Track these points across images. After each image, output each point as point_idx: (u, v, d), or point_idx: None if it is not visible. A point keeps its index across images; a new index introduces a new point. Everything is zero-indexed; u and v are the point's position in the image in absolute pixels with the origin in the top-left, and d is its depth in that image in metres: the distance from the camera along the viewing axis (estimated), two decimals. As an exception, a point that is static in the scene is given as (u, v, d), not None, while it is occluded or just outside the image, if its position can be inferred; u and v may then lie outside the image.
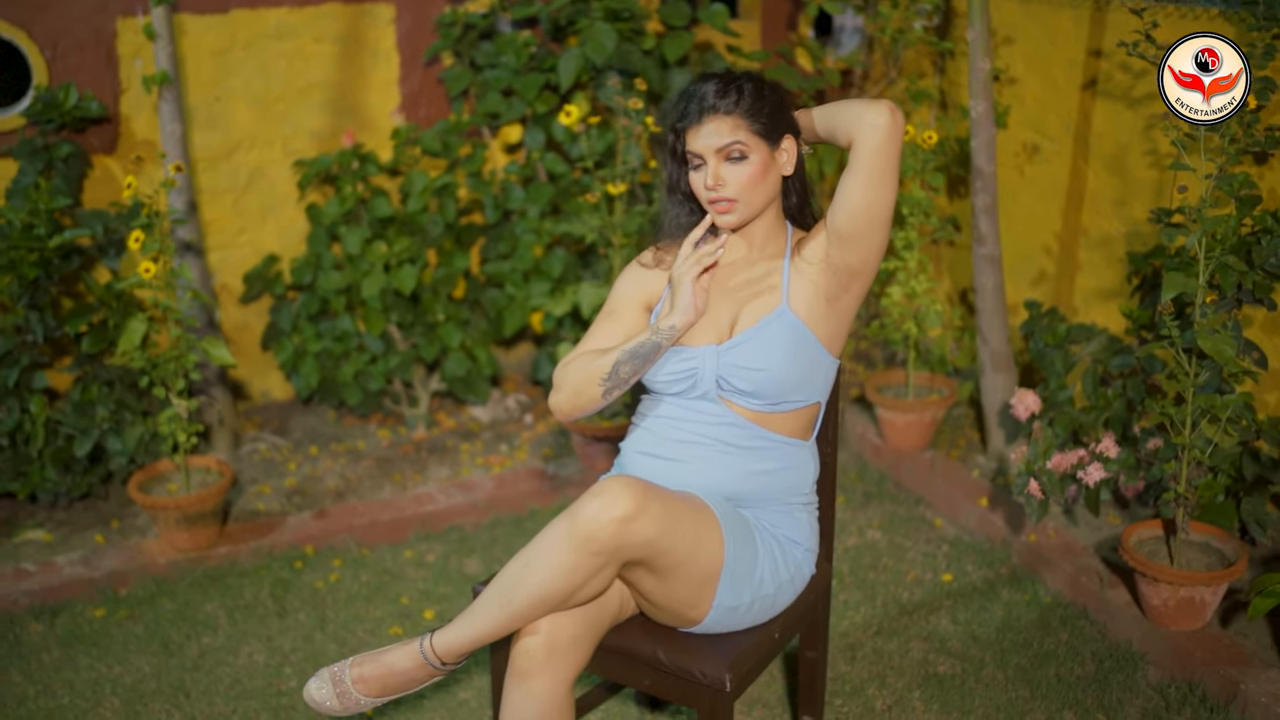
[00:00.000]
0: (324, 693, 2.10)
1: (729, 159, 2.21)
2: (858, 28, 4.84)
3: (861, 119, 2.16)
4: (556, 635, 2.05)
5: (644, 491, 2.02)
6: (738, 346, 2.24)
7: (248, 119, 4.02)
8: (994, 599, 3.25)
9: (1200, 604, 2.91)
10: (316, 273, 4.00)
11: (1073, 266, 4.01)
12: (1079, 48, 3.86)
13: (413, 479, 3.87)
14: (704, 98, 2.21)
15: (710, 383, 2.25)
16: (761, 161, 2.23)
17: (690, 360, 2.26)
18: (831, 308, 2.27)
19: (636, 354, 2.23)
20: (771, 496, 2.25)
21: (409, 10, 4.15)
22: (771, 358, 2.22)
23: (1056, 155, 4.01)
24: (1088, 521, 3.49)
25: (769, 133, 2.22)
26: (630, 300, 2.39)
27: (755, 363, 2.22)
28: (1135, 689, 2.87)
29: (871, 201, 2.16)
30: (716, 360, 2.25)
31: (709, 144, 2.21)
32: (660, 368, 2.28)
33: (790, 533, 2.26)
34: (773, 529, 2.24)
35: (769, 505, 2.25)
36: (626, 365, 2.24)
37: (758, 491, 2.24)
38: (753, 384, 2.22)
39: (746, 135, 2.20)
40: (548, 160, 4.06)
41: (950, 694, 2.87)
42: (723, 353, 2.25)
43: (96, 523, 3.61)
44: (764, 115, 2.21)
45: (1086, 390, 3.54)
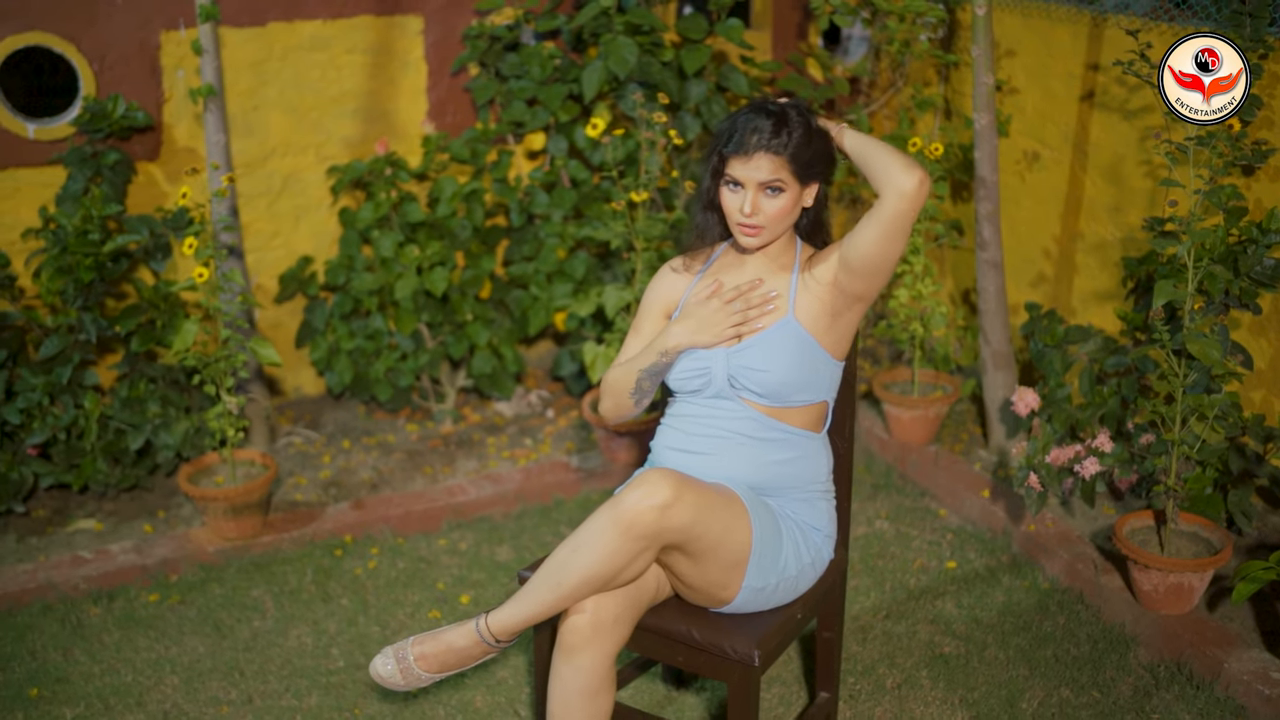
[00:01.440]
0: (389, 669, 2.30)
1: (765, 190, 2.41)
2: (865, 37, 5.02)
3: (892, 180, 2.30)
4: (601, 614, 2.25)
5: (680, 481, 2.22)
6: (746, 350, 2.45)
7: (283, 127, 4.21)
8: (995, 585, 3.45)
9: (1188, 589, 3.12)
10: (349, 274, 4.19)
11: (1070, 269, 4.21)
12: (1077, 61, 4.05)
13: (443, 471, 4.07)
14: (760, 132, 2.38)
15: (723, 382, 2.46)
16: (793, 197, 2.43)
17: (702, 360, 2.47)
18: (835, 322, 2.47)
19: (652, 372, 2.53)
20: (791, 485, 2.45)
21: (437, 22, 4.33)
22: (776, 361, 2.42)
23: (1056, 163, 4.20)
24: (1083, 512, 3.69)
25: (806, 176, 2.42)
26: (654, 313, 2.65)
27: (761, 365, 2.42)
28: (1127, 668, 3.08)
29: (884, 251, 2.36)
30: (727, 362, 2.45)
31: (753, 177, 2.39)
32: (676, 365, 2.50)
33: (811, 520, 2.47)
34: (795, 517, 2.45)
35: (790, 494, 2.45)
36: (647, 380, 2.55)
37: (778, 480, 2.44)
38: (760, 384, 2.43)
39: (787, 175, 2.40)
40: (571, 167, 4.25)
41: (955, 673, 3.07)
42: (732, 355, 2.46)
43: (143, 513, 3.81)
44: (806, 160, 2.40)
45: (1083, 388, 3.74)
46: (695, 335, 2.47)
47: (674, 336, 2.48)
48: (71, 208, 3.74)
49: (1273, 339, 3.52)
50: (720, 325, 2.46)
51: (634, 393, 2.56)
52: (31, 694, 3.03)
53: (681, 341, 2.48)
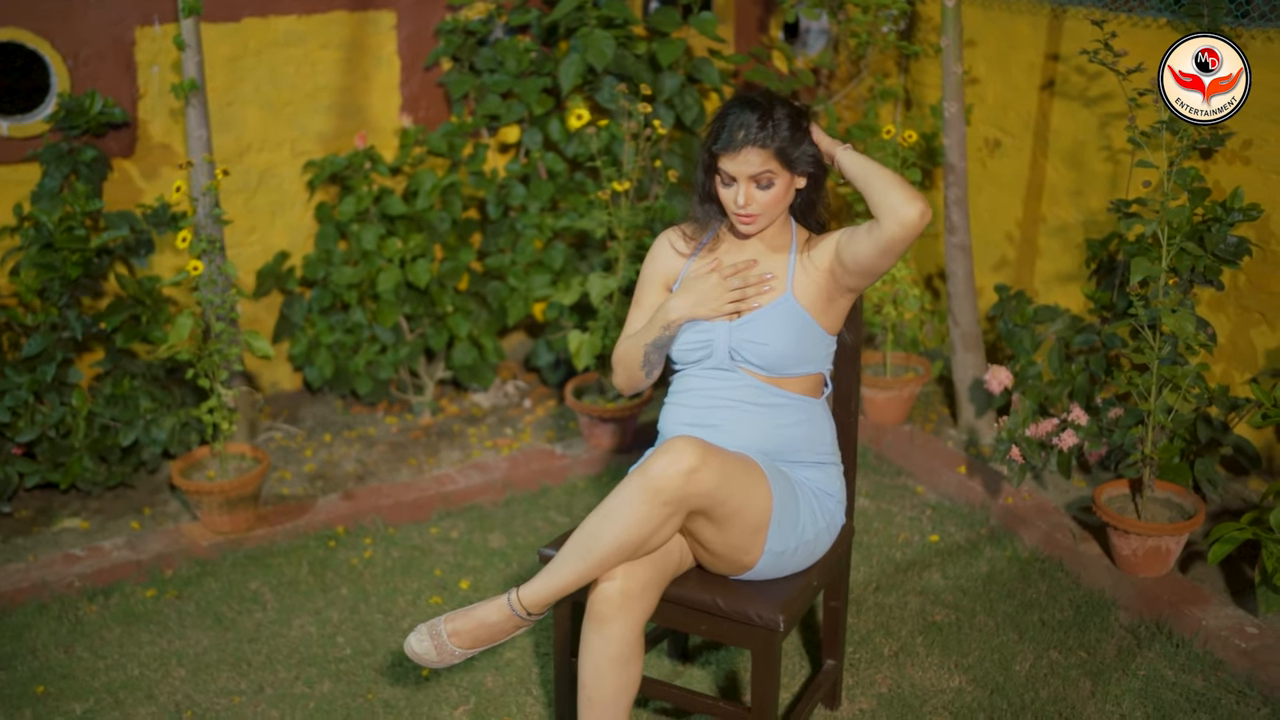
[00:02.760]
0: (424, 646, 2.35)
1: (758, 184, 2.49)
2: (823, 30, 5.14)
3: (894, 210, 2.37)
4: (630, 582, 2.32)
5: (704, 447, 2.30)
6: (747, 324, 2.55)
7: (258, 122, 4.21)
8: (978, 556, 3.58)
9: (1165, 552, 3.26)
10: (328, 269, 4.21)
11: (1033, 253, 4.36)
12: (1037, 52, 4.20)
13: (427, 462, 4.10)
14: (746, 128, 2.46)
15: (724, 353, 2.55)
16: (785, 185, 2.52)
17: (706, 332, 2.57)
18: (829, 305, 2.58)
19: (656, 344, 2.62)
20: (801, 449, 2.54)
21: (409, 18, 4.36)
22: (775, 335, 2.52)
23: (1017, 150, 4.35)
24: (1055, 485, 3.83)
25: (794, 165, 2.51)
26: (654, 285, 2.73)
27: (761, 339, 2.52)
28: (1110, 630, 3.21)
29: (877, 265, 2.47)
30: (729, 334, 2.54)
31: (743, 171, 2.48)
32: (679, 337, 2.59)
33: (824, 485, 2.56)
34: (809, 483, 2.54)
35: (802, 460, 2.55)
36: (654, 353, 2.64)
37: (789, 444, 2.53)
38: (759, 356, 2.52)
39: (776, 166, 2.48)
40: (548, 159, 4.30)
41: (948, 639, 3.19)
42: (734, 329, 2.55)
43: (129, 511, 3.80)
44: (794, 151, 2.49)
45: (1053, 366, 3.88)
46: (694, 308, 2.56)
47: (674, 310, 2.57)
48: (49, 205, 3.72)
49: (1231, 314, 3.69)
50: (719, 300, 2.54)
51: (643, 365, 2.65)
52: (38, 691, 3.02)
53: (682, 314, 2.57)
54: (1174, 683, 3.00)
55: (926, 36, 4.66)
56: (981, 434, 4.15)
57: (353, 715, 2.93)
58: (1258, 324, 3.62)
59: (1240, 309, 3.65)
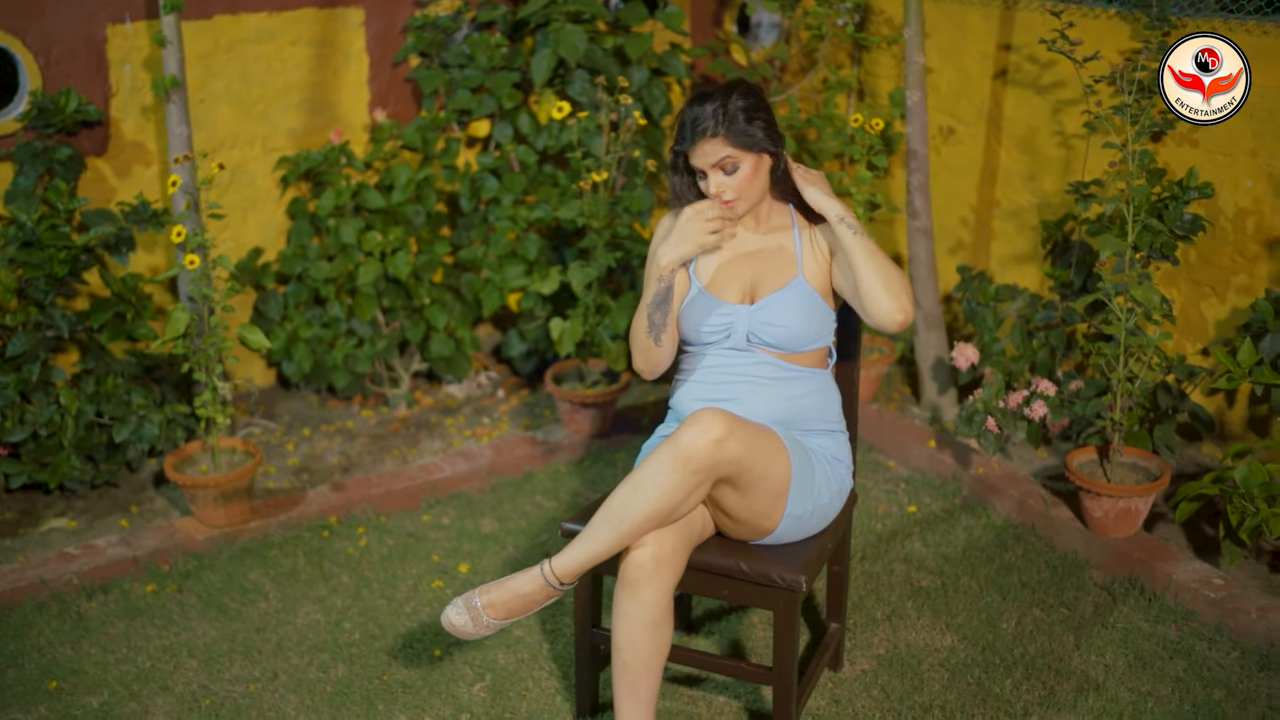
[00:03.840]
0: (462, 619, 2.43)
1: (724, 171, 2.61)
2: (775, 23, 5.28)
3: (880, 309, 2.53)
4: (661, 548, 2.42)
5: (730, 418, 2.41)
6: (766, 308, 2.66)
7: (230, 119, 4.22)
8: (955, 524, 3.74)
9: (1135, 512, 3.45)
10: (305, 263, 4.23)
11: (988, 235, 4.54)
12: (989, 42, 4.38)
13: (409, 452, 4.15)
14: (698, 121, 2.59)
15: (742, 336, 2.66)
16: (751, 166, 2.63)
17: (727, 315, 2.67)
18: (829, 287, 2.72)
19: (657, 300, 2.66)
20: (813, 418, 2.67)
21: (377, 14, 4.41)
22: (794, 317, 2.64)
23: (971, 137, 4.52)
24: (1020, 457, 4.00)
25: (752, 145, 2.62)
26: None
27: (780, 321, 2.64)
28: (1086, 588, 3.39)
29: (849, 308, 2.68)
30: (749, 318, 2.65)
31: (705, 162, 2.61)
32: (703, 321, 2.68)
33: (834, 452, 2.69)
34: (821, 450, 2.66)
35: (814, 428, 2.67)
36: (657, 313, 2.68)
37: (802, 414, 2.65)
38: (778, 338, 2.64)
39: (734, 150, 2.60)
40: (520, 152, 4.38)
41: (936, 602, 3.33)
42: (754, 312, 2.66)
43: (115, 509, 3.79)
44: (745, 133, 2.60)
45: (1015, 342, 4.06)
46: (679, 247, 2.63)
47: (663, 257, 2.63)
48: (25, 204, 3.70)
49: (1183, 288, 3.90)
50: (699, 232, 2.62)
51: (650, 330, 2.67)
52: (50, 686, 3.03)
53: (670, 257, 2.63)
54: (1150, 633, 3.18)
55: (879, 29, 4.82)
56: (944, 411, 4.32)
57: (372, 697, 2.98)
58: (1208, 296, 3.83)
59: (1191, 283, 3.86)
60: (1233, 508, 3.16)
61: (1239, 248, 3.71)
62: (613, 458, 4.18)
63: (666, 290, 2.67)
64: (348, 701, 2.97)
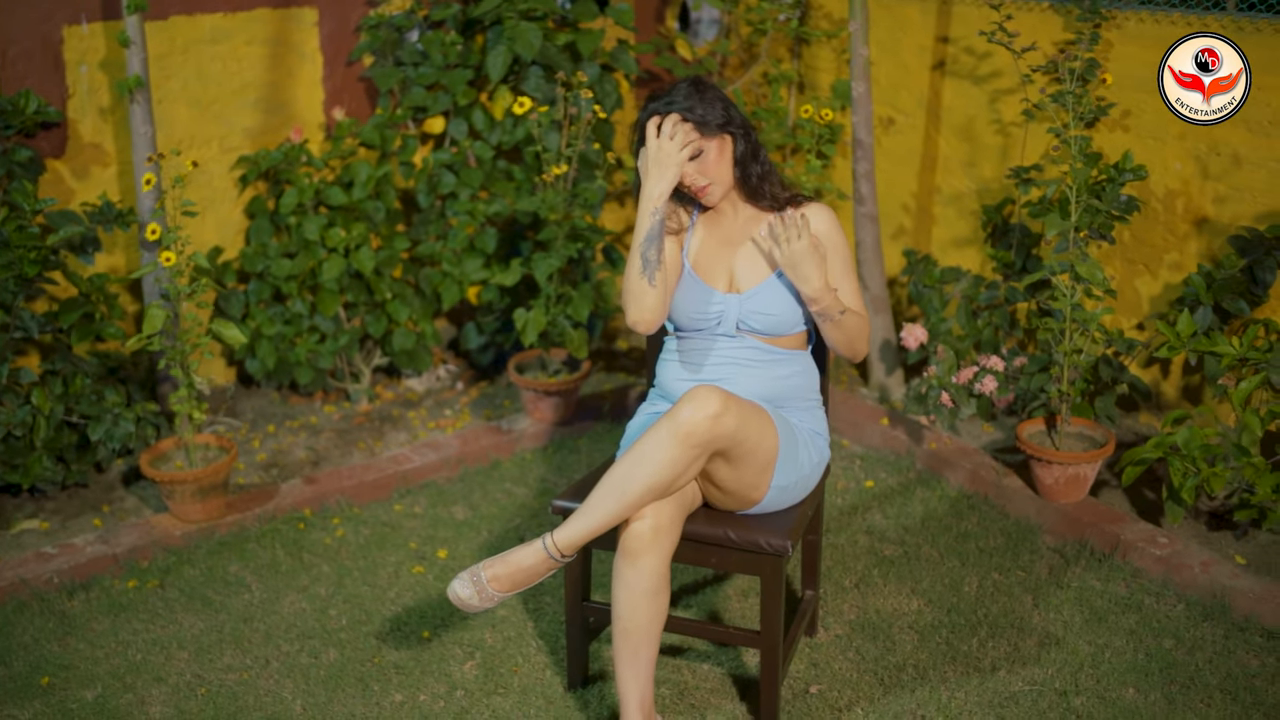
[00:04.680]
0: (468, 592, 2.52)
1: (690, 158, 2.72)
2: (714, 19, 5.42)
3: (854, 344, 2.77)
4: (660, 519, 2.54)
5: (726, 394, 2.53)
6: (755, 297, 2.78)
7: (187, 120, 4.25)
8: (911, 497, 3.90)
9: (1083, 479, 3.64)
10: (267, 261, 4.27)
11: (929, 220, 4.72)
12: (927, 35, 4.56)
13: (375, 445, 4.21)
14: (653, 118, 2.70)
15: (732, 324, 2.78)
16: (715, 148, 2.75)
17: (718, 305, 2.78)
18: None
19: (648, 238, 2.68)
20: (795, 396, 2.80)
21: (330, 14, 4.46)
22: (779, 305, 2.77)
23: (910, 127, 4.70)
24: (967, 432, 4.19)
25: (708, 126, 2.72)
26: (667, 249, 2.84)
27: (769, 310, 2.76)
28: (1039, 551, 3.57)
29: None
30: (739, 307, 2.77)
31: None
32: (693, 308, 2.79)
33: (814, 426, 2.83)
34: (802, 425, 2.80)
35: (795, 405, 2.80)
36: (650, 249, 2.69)
37: (785, 393, 2.78)
38: (766, 324, 2.77)
39: (695, 136, 2.70)
40: (477, 147, 4.46)
41: (901, 570, 3.49)
42: (743, 301, 2.78)
43: (87, 509, 3.81)
44: (700, 115, 2.71)
45: (961, 322, 4.25)
46: (661, 179, 2.67)
47: (650, 191, 2.67)
48: (-11, 206, 3.70)
49: (1118, 266, 4.11)
50: (673, 157, 2.68)
51: (644, 269, 2.68)
52: (43, 682, 3.05)
53: (657, 190, 2.66)
54: (1102, 591, 3.36)
55: (818, 23, 4.98)
56: (892, 391, 4.49)
57: (366, 679, 3.06)
58: (1141, 274, 4.04)
59: (1126, 261, 4.07)
60: (1175, 470, 3.35)
61: (1169, 227, 3.93)
62: (576, 444, 4.28)
63: (659, 224, 2.67)
64: (342, 684, 3.04)
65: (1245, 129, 3.66)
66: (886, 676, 3.04)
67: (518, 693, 3.00)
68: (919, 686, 3.00)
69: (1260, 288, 3.59)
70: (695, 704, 2.95)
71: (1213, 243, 3.83)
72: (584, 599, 2.91)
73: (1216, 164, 3.76)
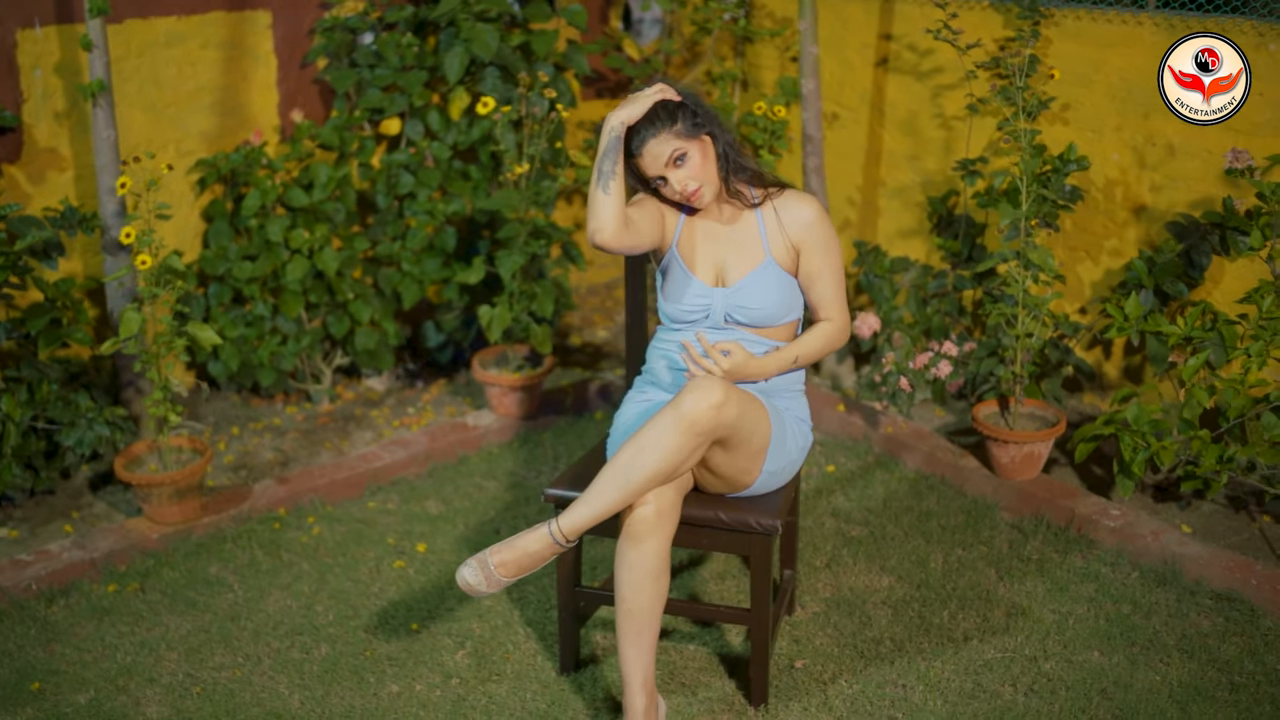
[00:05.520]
0: (476, 578, 2.58)
1: (676, 165, 2.81)
2: (656, 19, 5.52)
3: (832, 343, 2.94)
4: (662, 503, 2.63)
5: (727, 384, 2.63)
6: (740, 291, 2.87)
7: (143, 124, 4.23)
8: (872, 480, 4.04)
9: (1038, 456, 3.81)
10: (227, 264, 4.27)
11: (875, 213, 4.87)
12: (870, 33, 4.71)
13: (342, 444, 4.24)
14: (638, 131, 2.76)
15: (720, 317, 2.88)
16: (699, 150, 2.83)
17: (705, 298, 2.88)
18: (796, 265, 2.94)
19: (605, 152, 2.72)
20: (785, 386, 2.91)
21: (283, 17, 4.47)
22: (767, 298, 2.87)
23: (854, 122, 4.85)
24: (919, 416, 4.34)
25: (693, 131, 2.80)
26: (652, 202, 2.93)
27: (755, 303, 2.86)
28: (998, 527, 3.73)
29: None
30: (725, 301, 2.87)
31: (658, 164, 2.78)
32: (681, 300, 2.88)
33: (798, 412, 2.94)
34: (789, 411, 2.90)
35: (782, 393, 2.91)
36: (605, 161, 2.71)
37: (775, 383, 2.89)
38: (750, 317, 2.87)
39: (679, 141, 2.79)
40: (435, 148, 4.50)
41: (869, 549, 3.63)
42: (729, 295, 2.87)
43: (56, 516, 3.78)
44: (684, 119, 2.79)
45: (912, 310, 4.40)
46: (626, 107, 2.72)
47: (614, 117, 2.73)
48: (-54, 213, 3.66)
49: (1061, 253, 4.29)
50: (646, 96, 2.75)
51: (599, 180, 2.69)
52: (33, 687, 3.05)
53: (620, 115, 2.71)
54: (1060, 562, 3.53)
55: (761, 21, 5.11)
56: (843, 378, 4.63)
57: (360, 671, 3.10)
58: (1083, 260, 4.23)
59: (1068, 248, 4.25)
60: (1126, 444, 3.53)
61: (1109, 215, 4.12)
62: (540, 438, 4.35)
63: (615, 141, 2.71)
64: (337, 677, 3.08)
65: (1178, 121, 3.85)
66: (866, 650, 3.16)
67: (512, 679, 3.07)
68: (897, 658, 3.13)
69: (1197, 271, 3.78)
70: (686, 683, 3.05)
71: (1150, 229, 4.02)
72: (577, 585, 2.99)
73: (1153, 154, 3.96)
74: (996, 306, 3.83)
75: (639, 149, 2.78)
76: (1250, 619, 3.24)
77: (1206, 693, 2.98)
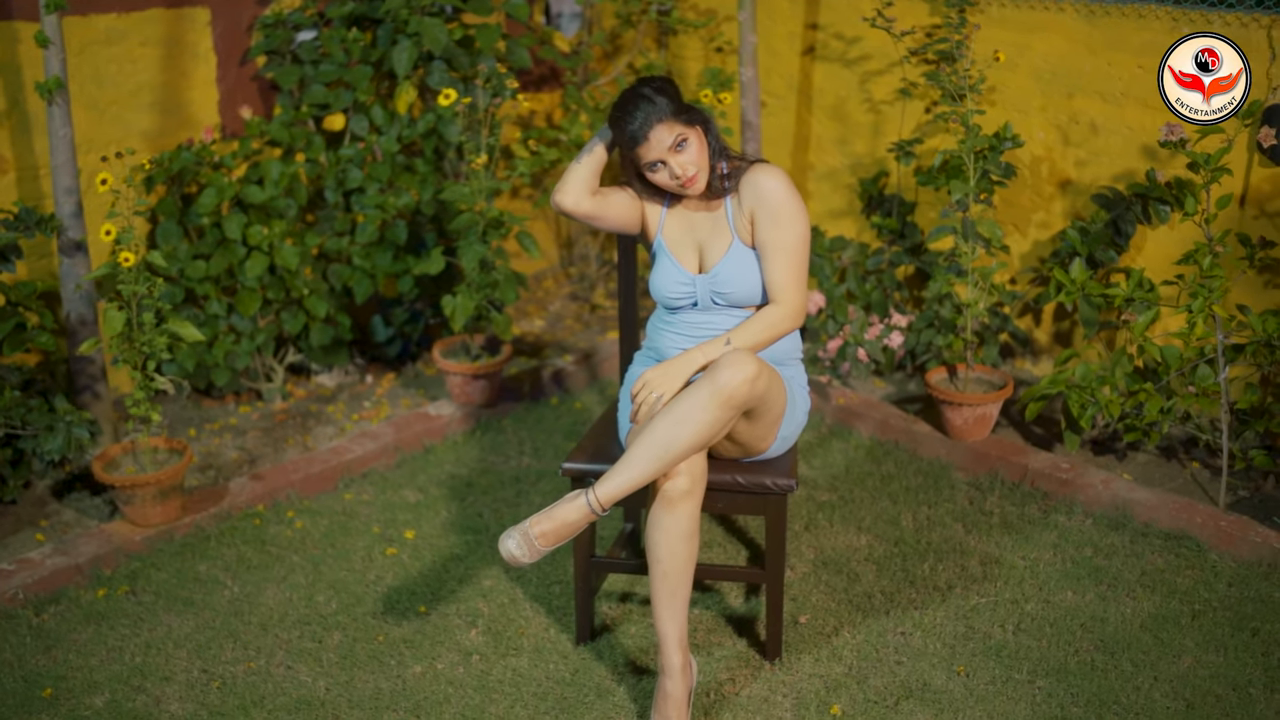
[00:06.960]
0: (520, 550, 2.66)
1: (677, 150, 2.94)
2: (575, 13, 5.62)
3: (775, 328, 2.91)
4: (695, 470, 2.75)
5: (755, 357, 2.76)
6: (717, 275, 3.00)
7: (85, 123, 4.15)
8: (830, 449, 4.23)
9: (989, 418, 4.05)
10: (180, 263, 4.22)
11: (805, 196, 5.07)
12: (796, 22, 4.90)
13: (304, 440, 4.24)
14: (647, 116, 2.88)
15: (706, 300, 3.01)
16: (697, 137, 2.97)
17: (688, 284, 3.01)
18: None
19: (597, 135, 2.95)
20: (785, 354, 3.05)
21: (222, 14, 4.43)
22: (745, 279, 2.99)
23: (783, 109, 5.04)
24: (862, 387, 4.55)
25: (691, 118, 2.95)
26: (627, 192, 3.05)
27: (733, 285, 3.00)
28: (957, 485, 3.96)
29: None
30: (706, 285, 3.01)
31: (661, 150, 2.89)
32: (667, 286, 3.01)
33: (799, 380, 3.09)
34: (791, 379, 3.05)
35: (785, 362, 3.06)
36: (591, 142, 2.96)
37: (776, 354, 3.03)
38: (735, 298, 3.01)
39: (682, 127, 2.93)
40: (383, 142, 4.52)
41: (843, 513, 3.81)
42: (709, 280, 3.01)
43: (23, 526, 3.70)
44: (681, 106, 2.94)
45: (853, 286, 4.61)
46: None
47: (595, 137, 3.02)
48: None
49: (989, 228, 4.55)
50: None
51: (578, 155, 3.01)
52: (44, 694, 3.00)
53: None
54: (1019, 514, 3.77)
55: (684, 13, 5.26)
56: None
57: (379, 655, 3.14)
58: (1012, 233, 4.50)
59: (998, 222, 4.51)
60: (1074, 401, 3.79)
61: (1036, 190, 4.39)
62: (501, 425, 4.42)
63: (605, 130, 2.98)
64: (357, 662, 3.11)
65: (1100, 99, 4.14)
66: (861, 603, 3.34)
67: (530, 652, 3.15)
68: (892, 609, 3.31)
69: (1123, 239, 4.07)
70: (698, 644, 3.18)
71: (1076, 202, 4.31)
72: (592, 555, 3.09)
73: (1076, 132, 4.24)
74: (947, 277, 4.06)
75: (644, 133, 2.88)
76: (1198, 554, 3.52)
77: (1173, 620, 3.24)
